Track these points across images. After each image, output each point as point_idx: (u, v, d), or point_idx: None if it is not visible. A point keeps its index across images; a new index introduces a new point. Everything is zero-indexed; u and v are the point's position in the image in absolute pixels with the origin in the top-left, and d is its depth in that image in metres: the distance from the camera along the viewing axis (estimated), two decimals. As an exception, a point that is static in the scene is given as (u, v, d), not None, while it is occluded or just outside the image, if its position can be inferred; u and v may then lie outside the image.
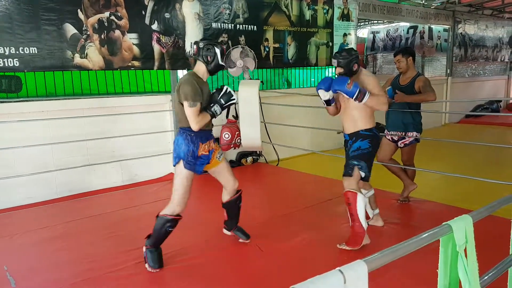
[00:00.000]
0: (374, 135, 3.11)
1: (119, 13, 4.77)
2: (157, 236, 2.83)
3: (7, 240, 3.48)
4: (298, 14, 6.62)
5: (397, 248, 1.06)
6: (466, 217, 1.27)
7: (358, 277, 0.93)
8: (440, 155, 6.51)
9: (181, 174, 2.79)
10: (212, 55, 2.82)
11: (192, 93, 2.70)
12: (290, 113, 6.34)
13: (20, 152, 4.37)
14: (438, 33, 10.09)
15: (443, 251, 1.22)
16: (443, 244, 1.21)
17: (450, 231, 1.19)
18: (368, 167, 3.07)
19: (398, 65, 3.97)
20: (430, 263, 1.74)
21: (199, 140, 2.84)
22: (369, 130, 3.10)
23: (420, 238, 1.13)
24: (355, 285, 0.91)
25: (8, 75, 4.53)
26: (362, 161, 3.04)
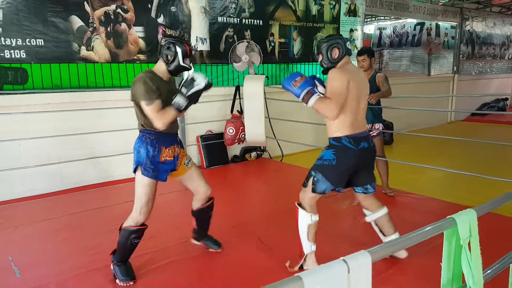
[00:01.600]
0: (342, 146, 2.52)
1: (125, 6, 4.77)
2: (123, 250, 2.60)
3: (12, 231, 3.51)
4: (304, 9, 6.59)
5: (401, 240, 1.05)
6: (470, 211, 1.26)
7: (362, 267, 0.93)
8: (444, 153, 6.48)
9: (141, 181, 2.51)
10: (172, 54, 2.51)
11: (144, 91, 2.39)
12: (294, 109, 6.32)
13: (25, 144, 4.40)
14: (445, 30, 10.00)
15: (447, 245, 1.21)
16: (447, 237, 1.20)
17: (454, 224, 1.18)
18: (325, 182, 2.58)
19: (362, 64, 4.24)
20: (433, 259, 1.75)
21: (161, 144, 2.55)
22: (337, 139, 2.54)
23: (424, 231, 1.12)
24: (359, 274, 0.91)
25: (14, 67, 4.55)
26: (319, 173, 2.59)
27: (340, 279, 0.89)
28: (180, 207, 4.02)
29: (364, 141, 2.56)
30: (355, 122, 2.53)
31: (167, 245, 3.14)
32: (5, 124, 4.27)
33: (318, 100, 2.44)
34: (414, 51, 9.89)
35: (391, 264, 2.77)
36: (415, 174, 5.14)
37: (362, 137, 2.56)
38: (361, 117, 2.61)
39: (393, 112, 5.34)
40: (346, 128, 2.52)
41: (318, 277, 0.84)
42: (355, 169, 2.62)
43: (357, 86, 2.49)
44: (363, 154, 2.56)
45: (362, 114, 2.62)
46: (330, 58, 2.56)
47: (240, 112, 5.96)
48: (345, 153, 2.53)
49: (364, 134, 2.59)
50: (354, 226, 3.59)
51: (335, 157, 2.54)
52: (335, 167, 2.55)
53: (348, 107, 2.48)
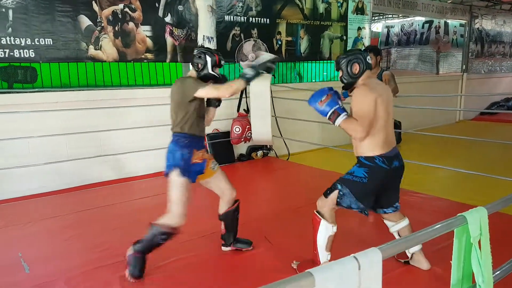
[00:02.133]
0: (376, 166, 2.46)
1: (133, 5, 4.79)
2: (147, 245, 2.62)
3: (21, 228, 3.55)
4: (311, 7, 6.56)
5: (411, 237, 1.05)
6: (481, 209, 1.24)
7: (373, 263, 0.93)
8: (453, 152, 6.42)
9: (178, 183, 2.57)
10: (202, 63, 2.70)
11: (193, 82, 2.63)
12: (301, 108, 6.29)
13: (34, 142, 4.43)
14: (454, 28, 9.92)
15: (457, 243, 1.19)
16: (457, 235, 1.19)
17: (465, 222, 1.16)
18: (351, 199, 2.52)
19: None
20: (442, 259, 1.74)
21: (194, 146, 2.67)
22: (370, 159, 2.48)
23: (434, 229, 1.11)
24: (369, 271, 0.92)
25: (24, 66, 4.60)
26: (346, 188, 2.52)
27: (351, 276, 0.89)
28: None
29: (396, 160, 2.53)
30: (386, 139, 2.48)
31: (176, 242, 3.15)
32: (14, 122, 4.31)
33: (345, 121, 2.40)
34: (422, 49, 9.82)
35: (399, 264, 2.75)
36: (423, 173, 5.10)
37: (394, 156, 2.52)
38: (391, 133, 2.56)
39: (401, 111, 5.29)
40: (379, 148, 2.46)
41: (329, 273, 0.84)
42: (384, 188, 2.58)
43: (384, 101, 2.43)
44: (394, 173, 2.54)
45: (391, 130, 2.57)
46: (351, 73, 2.51)
47: (247, 111, 5.95)
48: (378, 173, 2.48)
49: (395, 151, 2.55)
50: (361, 224, 3.57)
51: (367, 176, 2.48)
52: (365, 185, 2.50)
53: (379, 125, 2.42)
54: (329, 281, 0.84)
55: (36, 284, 2.61)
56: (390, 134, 2.53)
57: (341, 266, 0.88)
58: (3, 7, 4.08)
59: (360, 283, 0.91)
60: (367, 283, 0.92)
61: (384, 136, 2.46)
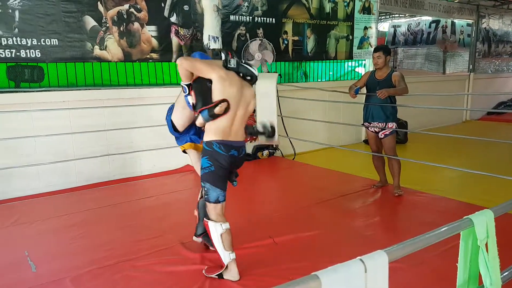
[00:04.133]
0: (212, 151, 2.51)
1: (138, 5, 4.81)
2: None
3: (28, 226, 3.57)
4: (318, 6, 6.55)
5: (418, 240, 1.04)
6: (487, 211, 1.23)
7: (379, 266, 0.93)
8: (459, 152, 6.38)
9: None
10: (218, 58, 2.77)
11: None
12: (307, 107, 6.30)
13: (41, 141, 4.46)
14: (461, 28, 9.85)
15: (464, 245, 1.19)
16: (464, 238, 1.18)
17: (471, 225, 1.16)
18: (214, 192, 2.56)
19: (377, 61, 4.21)
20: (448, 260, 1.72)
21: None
22: (208, 143, 2.53)
23: (440, 231, 1.10)
24: (376, 274, 0.92)
25: (31, 65, 4.63)
26: (207, 183, 2.56)
27: (357, 279, 0.89)
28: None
29: (235, 150, 2.58)
30: (229, 129, 2.55)
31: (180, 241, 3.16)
32: (21, 121, 4.34)
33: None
34: (429, 49, 9.76)
35: (405, 265, 2.74)
36: (429, 173, 5.08)
37: (233, 146, 2.56)
38: (238, 126, 2.60)
39: (408, 111, 5.28)
40: (219, 133, 2.52)
41: (335, 276, 0.85)
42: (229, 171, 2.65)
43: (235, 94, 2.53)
44: (231, 159, 2.58)
45: (238, 124, 2.60)
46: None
47: (253, 110, 5.95)
48: (216, 159, 2.53)
49: (238, 144, 2.59)
50: (366, 225, 3.56)
51: (211, 163, 2.54)
52: (214, 173, 2.56)
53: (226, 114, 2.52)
54: (335, 284, 0.85)
55: (42, 283, 2.62)
56: (236, 126, 2.58)
57: (348, 269, 0.88)
58: (10, 8, 4.11)
59: (366, 286, 0.91)
60: (374, 285, 0.92)
61: (228, 125, 2.53)
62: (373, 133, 4.35)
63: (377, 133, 4.31)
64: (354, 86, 4.42)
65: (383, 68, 4.21)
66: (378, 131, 4.28)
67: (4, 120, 4.27)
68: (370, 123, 4.30)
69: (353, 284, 0.89)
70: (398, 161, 4.27)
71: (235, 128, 2.57)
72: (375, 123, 4.25)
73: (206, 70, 2.50)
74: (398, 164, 4.27)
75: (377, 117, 4.22)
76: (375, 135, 4.34)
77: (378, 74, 4.26)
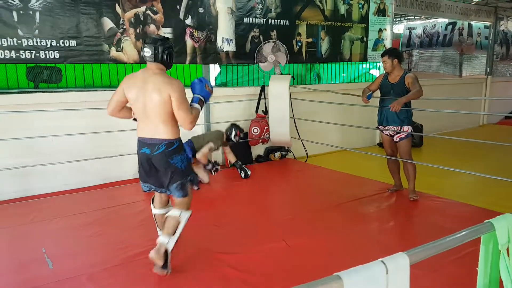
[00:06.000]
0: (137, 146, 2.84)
1: (155, 8, 4.86)
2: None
3: (45, 224, 3.64)
4: (332, 8, 6.53)
5: (439, 243, 1.06)
6: (509, 215, 1.22)
7: (400, 268, 0.95)
8: (476, 157, 6.28)
9: None
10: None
11: None
12: (320, 109, 6.28)
13: (59, 140, 4.54)
14: (478, 30, 9.70)
15: (484, 249, 1.18)
16: (484, 242, 1.17)
17: (492, 229, 1.15)
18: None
19: (384, 65, 4.21)
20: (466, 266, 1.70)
21: None
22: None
23: (461, 235, 1.10)
24: (397, 276, 0.94)
25: (49, 66, 4.72)
26: None
27: (379, 280, 0.91)
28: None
29: (147, 148, 2.67)
30: (141, 126, 2.71)
31: (190, 239, 3.18)
32: (39, 121, 4.43)
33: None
34: (445, 51, 9.64)
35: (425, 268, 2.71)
36: (445, 178, 5.01)
37: (145, 144, 2.68)
38: (148, 124, 2.66)
39: (423, 114, 5.22)
40: (138, 130, 2.75)
41: (357, 277, 0.86)
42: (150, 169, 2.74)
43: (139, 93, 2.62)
44: (145, 157, 2.71)
45: (149, 121, 2.66)
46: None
47: (265, 112, 5.96)
48: (137, 152, 2.77)
49: (150, 141, 2.66)
50: (381, 230, 3.54)
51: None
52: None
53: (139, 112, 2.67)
54: (357, 284, 0.86)
55: (59, 280, 2.67)
56: (147, 123, 2.66)
57: (369, 270, 0.90)
58: (31, 9, 4.20)
59: (388, 287, 0.92)
60: (395, 287, 0.93)
61: (140, 122, 2.71)
62: (388, 136, 4.32)
63: (392, 136, 4.27)
64: (368, 90, 4.39)
65: (394, 71, 4.16)
66: (393, 134, 4.25)
67: (23, 120, 4.36)
68: (384, 126, 4.27)
69: (375, 286, 0.91)
70: (413, 165, 4.22)
71: (149, 123, 2.64)
72: (390, 126, 4.22)
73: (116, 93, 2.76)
74: (414, 168, 4.22)
75: (392, 120, 4.18)
76: (390, 138, 4.31)
77: (391, 77, 4.22)
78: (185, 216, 2.80)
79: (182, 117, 2.59)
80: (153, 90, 2.56)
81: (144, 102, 2.59)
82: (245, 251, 3.07)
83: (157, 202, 2.98)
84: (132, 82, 2.65)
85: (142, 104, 2.60)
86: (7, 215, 3.87)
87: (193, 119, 2.63)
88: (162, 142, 2.63)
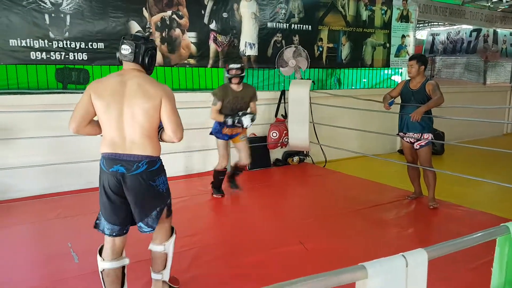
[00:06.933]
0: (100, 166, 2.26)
1: (180, 12, 4.99)
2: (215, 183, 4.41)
3: (71, 220, 3.77)
4: (354, 14, 6.55)
5: (456, 242, 1.15)
6: (525, 220, 1.25)
7: (419, 263, 1.04)
8: (498, 166, 6.17)
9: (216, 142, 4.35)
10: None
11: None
12: (340, 114, 6.28)
13: (84, 140, 4.67)
14: (503, 37, 9.54)
15: (499, 251, 1.23)
16: (500, 244, 1.22)
17: (507, 232, 1.18)
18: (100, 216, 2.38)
19: (410, 69, 4.16)
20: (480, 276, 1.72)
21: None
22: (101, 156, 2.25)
23: (477, 235, 1.15)
24: (416, 269, 1.03)
25: (77, 68, 4.89)
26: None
27: (399, 272, 1.01)
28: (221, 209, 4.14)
29: (120, 165, 2.12)
30: (112, 139, 2.15)
31: (210, 242, 3.25)
32: (67, 120, 4.50)
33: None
34: (469, 58, 9.50)
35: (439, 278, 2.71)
36: (466, 186, 4.95)
37: (117, 159, 2.12)
38: (120, 135, 2.13)
39: (445, 121, 5.16)
40: (103, 145, 2.17)
41: (380, 268, 0.94)
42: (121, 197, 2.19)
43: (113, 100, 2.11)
44: (115, 179, 2.14)
45: (121, 131, 2.13)
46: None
47: (284, 116, 6.01)
48: (101, 174, 2.19)
49: (124, 157, 2.12)
50: (399, 237, 3.53)
51: (99, 179, 2.20)
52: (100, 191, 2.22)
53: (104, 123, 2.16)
54: (380, 274, 0.96)
55: (84, 273, 2.77)
56: (122, 136, 2.14)
57: (391, 262, 1.01)
58: (62, 12, 4.37)
59: (407, 278, 1.02)
60: (414, 279, 1.03)
61: (109, 135, 2.16)
62: (408, 143, 4.30)
63: (413, 143, 4.26)
64: (389, 96, 4.39)
65: (417, 77, 4.14)
66: (413, 141, 4.23)
67: (52, 119, 4.52)
68: (405, 133, 4.26)
69: (396, 276, 1.01)
70: (433, 173, 4.19)
71: (126, 135, 2.13)
72: (410, 133, 4.21)
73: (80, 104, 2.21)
74: (434, 176, 4.19)
75: (412, 127, 4.17)
76: (411, 145, 4.29)
77: (413, 84, 4.20)
78: (170, 246, 2.40)
79: (177, 122, 2.15)
80: (136, 94, 2.09)
81: (121, 109, 2.09)
82: (263, 253, 3.11)
83: (109, 251, 2.25)
84: (102, 88, 2.14)
85: (118, 111, 2.09)
86: (34, 211, 4.03)
87: (182, 128, 2.20)
88: (142, 160, 2.13)
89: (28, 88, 4.58)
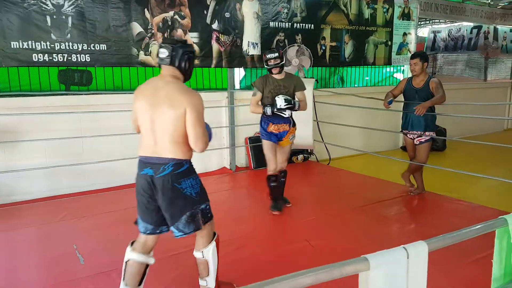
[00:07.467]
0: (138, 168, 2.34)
1: (182, 13, 5.01)
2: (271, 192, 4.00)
3: (76, 222, 3.80)
4: (356, 12, 6.56)
5: (455, 234, 1.18)
6: (521, 211, 1.28)
7: (420, 255, 1.08)
8: (499, 161, 6.17)
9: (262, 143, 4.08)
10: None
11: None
12: (343, 112, 6.30)
13: (88, 141, 4.72)
14: (504, 34, 9.52)
15: (498, 243, 1.28)
16: (499, 236, 1.26)
17: (505, 224, 1.22)
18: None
19: (414, 68, 4.19)
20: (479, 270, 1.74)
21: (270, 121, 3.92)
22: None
23: (476, 228, 1.19)
24: (417, 261, 1.06)
25: (80, 70, 4.92)
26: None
27: (401, 262, 1.05)
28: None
29: (149, 168, 2.19)
30: (144, 142, 2.25)
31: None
32: (70, 122, 4.62)
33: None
34: (470, 55, 9.51)
35: (436, 272, 2.73)
36: (468, 182, 4.96)
37: (148, 163, 2.20)
38: (151, 139, 2.20)
39: (447, 118, 5.18)
40: (140, 148, 2.27)
41: (382, 259, 0.98)
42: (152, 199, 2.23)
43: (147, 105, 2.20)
44: (144, 181, 2.21)
45: (152, 136, 2.20)
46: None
47: (288, 115, 6.02)
48: (137, 176, 2.28)
49: (154, 160, 2.18)
50: (403, 232, 3.55)
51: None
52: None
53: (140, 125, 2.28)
54: (381, 266, 1.00)
55: (90, 275, 2.80)
56: (153, 140, 2.21)
57: (393, 254, 1.05)
58: (64, 14, 4.39)
59: (408, 269, 1.04)
60: (414, 270, 1.06)
61: (143, 138, 2.27)
62: (411, 140, 4.34)
63: (413, 139, 4.31)
64: (391, 94, 4.41)
65: (420, 75, 4.18)
66: (414, 137, 4.28)
67: (55, 121, 4.55)
68: (409, 131, 4.29)
69: (397, 267, 1.04)
70: (421, 169, 4.41)
71: (156, 140, 2.18)
72: (414, 131, 4.26)
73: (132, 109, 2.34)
74: (421, 172, 4.42)
75: (416, 125, 4.21)
76: (413, 142, 4.32)
77: (416, 82, 4.23)
78: (209, 252, 2.34)
79: (198, 134, 2.13)
80: (164, 102, 2.12)
81: (151, 115, 2.16)
82: (268, 250, 3.14)
83: (140, 245, 2.35)
84: (140, 92, 2.25)
85: (149, 117, 2.16)
86: (40, 213, 4.06)
87: (207, 139, 2.22)
88: (169, 162, 2.15)
89: (30, 90, 4.61)
